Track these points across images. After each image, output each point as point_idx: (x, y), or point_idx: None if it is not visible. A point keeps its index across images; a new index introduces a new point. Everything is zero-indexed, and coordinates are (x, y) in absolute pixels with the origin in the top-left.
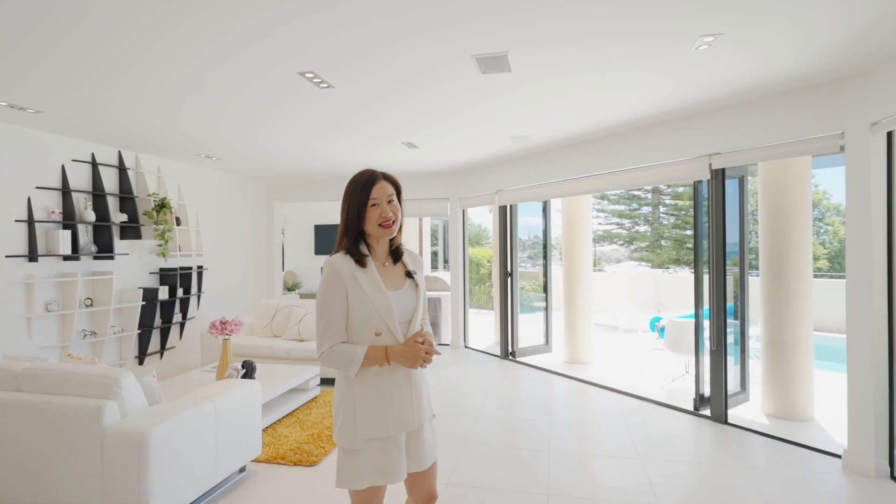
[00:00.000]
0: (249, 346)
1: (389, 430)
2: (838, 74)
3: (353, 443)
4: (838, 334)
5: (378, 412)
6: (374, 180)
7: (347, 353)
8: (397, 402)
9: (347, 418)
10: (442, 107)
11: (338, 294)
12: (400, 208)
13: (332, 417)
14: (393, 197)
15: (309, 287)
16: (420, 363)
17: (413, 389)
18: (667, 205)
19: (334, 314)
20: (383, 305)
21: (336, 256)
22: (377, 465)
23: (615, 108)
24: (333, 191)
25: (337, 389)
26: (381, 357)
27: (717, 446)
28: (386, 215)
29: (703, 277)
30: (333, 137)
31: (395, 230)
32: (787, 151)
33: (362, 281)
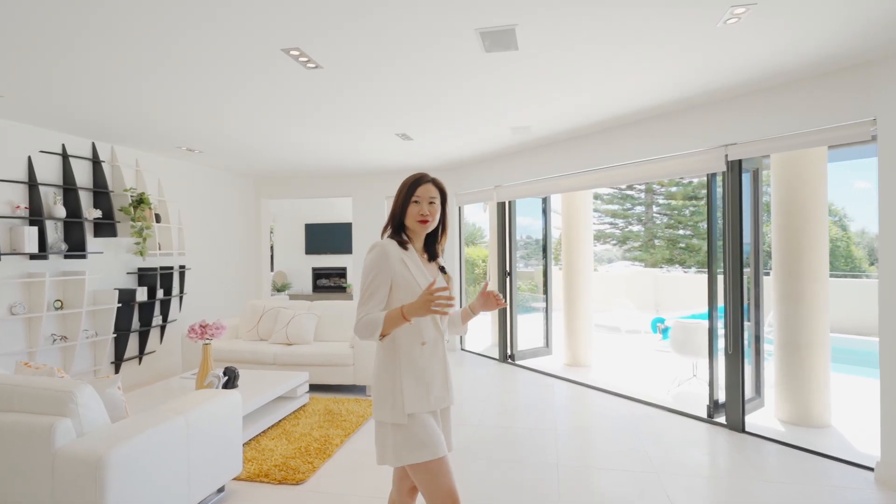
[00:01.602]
0: (233, 351)
1: (431, 406)
2: (870, 56)
3: (397, 416)
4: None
5: (421, 388)
6: (422, 182)
7: (372, 320)
8: (435, 379)
9: (395, 392)
10: (439, 92)
11: (383, 273)
12: (440, 211)
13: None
14: (435, 199)
15: (299, 288)
16: (432, 306)
17: (445, 368)
18: (660, 204)
19: (376, 290)
20: (426, 282)
21: (385, 240)
22: (428, 433)
23: (627, 92)
24: (324, 188)
25: (380, 368)
26: (398, 315)
27: (736, 457)
28: (423, 212)
29: (716, 277)
30: (323, 128)
31: (430, 227)
32: (810, 140)
33: (408, 263)
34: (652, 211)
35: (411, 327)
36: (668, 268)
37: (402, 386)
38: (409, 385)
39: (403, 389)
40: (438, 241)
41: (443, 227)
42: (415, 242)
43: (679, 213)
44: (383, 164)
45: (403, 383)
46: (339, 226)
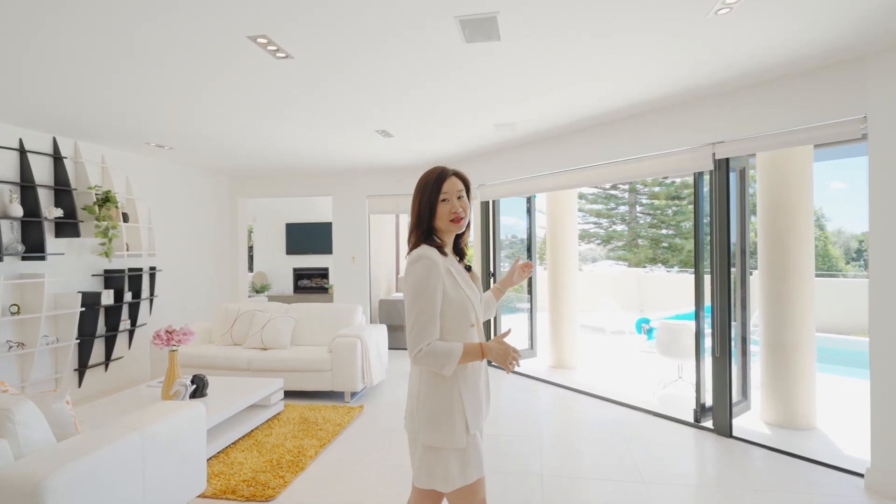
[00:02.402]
0: (205, 357)
1: (482, 422)
2: (862, 51)
3: (459, 440)
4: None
5: (478, 405)
6: (445, 176)
7: (446, 351)
8: (484, 395)
9: (455, 417)
10: (419, 85)
11: (437, 288)
12: (469, 205)
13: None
14: (462, 193)
15: (280, 289)
16: (508, 362)
17: (486, 382)
18: (643, 204)
19: (433, 309)
20: (474, 297)
21: (425, 248)
22: (479, 454)
23: (614, 87)
24: (304, 187)
25: (430, 388)
26: (477, 353)
27: (725, 465)
28: (456, 210)
29: (703, 277)
30: (298, 123)
31: (464, 225)
32: (800, 139)
33: (454, 272)
34: (635, 211)
35: (463, 337)
36: (651, 267)
37: (463, 406)
38: (471, 403)
39: (466, 409)
40: (462, 239)
41: (469, 223)
42: (446, 245)
43: (662, 212)
44: (364, 162)
45: (465, 403)
46: (320, 225)
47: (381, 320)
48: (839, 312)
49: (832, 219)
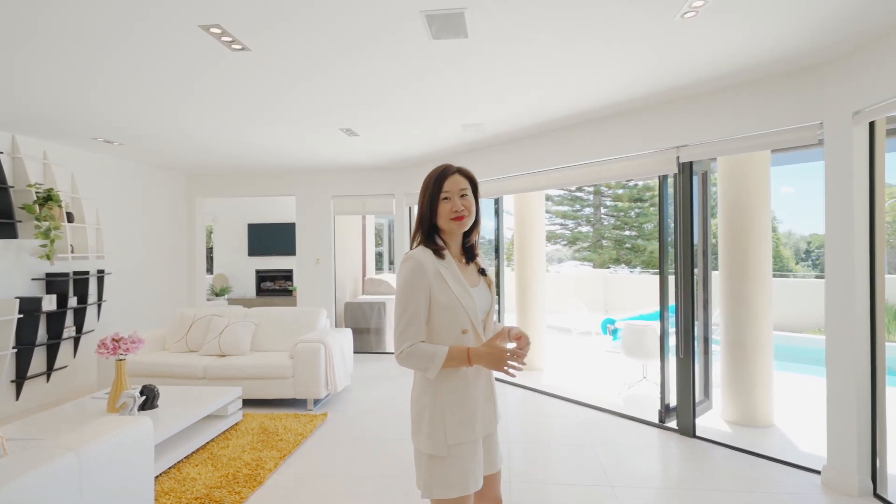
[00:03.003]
0: (157, 365)
1: (475, 434)
2: (818, 59)
3: (438, 448)
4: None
5: (465, 415)
6: (447, 174)
7: (429, 353)
8: (481, 403)
9: (434, 423)
10: (385, 83)
11: (421, 290)
12: (475, 203)
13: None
14: (466, 191)
15: (241, 291)
16: (504, 367)
17: (491, 390)
18: (607, 206)
19: (417, 311)
20: (468, 302)
21: (417, 250)
22: (465, 470)
23: (582, 89)
24: (266, 186)
25: (418, 393)
26: (463, 358)
27: (689, 466)
28: (457, 208)
29: (668, 278)
30: (259, 120)
31: (468, 224)
32: (760, 143)
33: (447, 276)
34: (600, 212)
35: (453, 343)
36: (614, 268)
37: (443, 414)
38: (453, 412)
39: (445, 418)
40: (470, 238)
41: (477, 222)
42: (451, 245)
43: (625, 214)
44: (328, 161)
45: (446, 411)
46: (283, 226)
47: (347, 324)
48: (791, 311)
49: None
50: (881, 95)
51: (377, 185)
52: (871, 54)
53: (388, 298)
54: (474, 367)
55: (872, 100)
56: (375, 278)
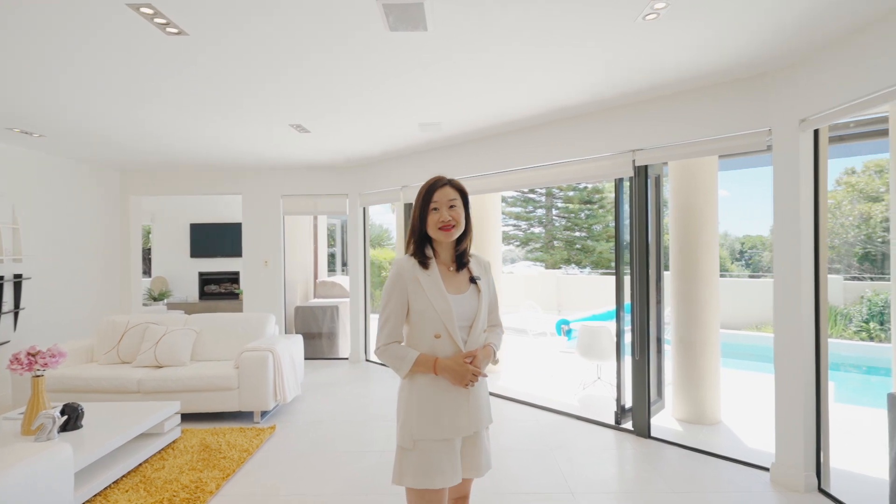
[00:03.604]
0: (83, 379)
1: (443, 434)
2: (768, 67)
3: (405, 440)
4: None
5: (433, 414)
6: (437, 185)
7: (400, 355)
8: (453, 407)
9: (406, 416)
10: (339, 77)
11: (397, 295)
12: (464, 214)
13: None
14: (455, 202)
15: (183, 295)
16: (465, 384)
17: (471, 395)
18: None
19: (392, 314)
20: (443, 308)
21: (402, 258)
22: (425, 466)
23: (542, 91)
24: (210, 184)
25: (400, 386)
26: (429, 368)
27: (646, 468)
28: (444, 218)
29: (623, 279)
30: (201, 112)
31: (455, 234)
32: (712, 148)
33: (424, 283)
34: (552, 214)
35: (426, 349)
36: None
37: (413, 410)
38: (420, 409)
39: (414, 414)
40: (460, 246)
41: (468, 229)
42: (441, 253)
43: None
44: (278, 159)
45: (415, 407)
46: (229, 226)
47: (298, 329)
48: (728, 309)
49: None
50: (825, 104)
51: (330, 184)
52: (815, 65)
53: (340, 301)
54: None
55: (817, 108)
56: (328, 281)
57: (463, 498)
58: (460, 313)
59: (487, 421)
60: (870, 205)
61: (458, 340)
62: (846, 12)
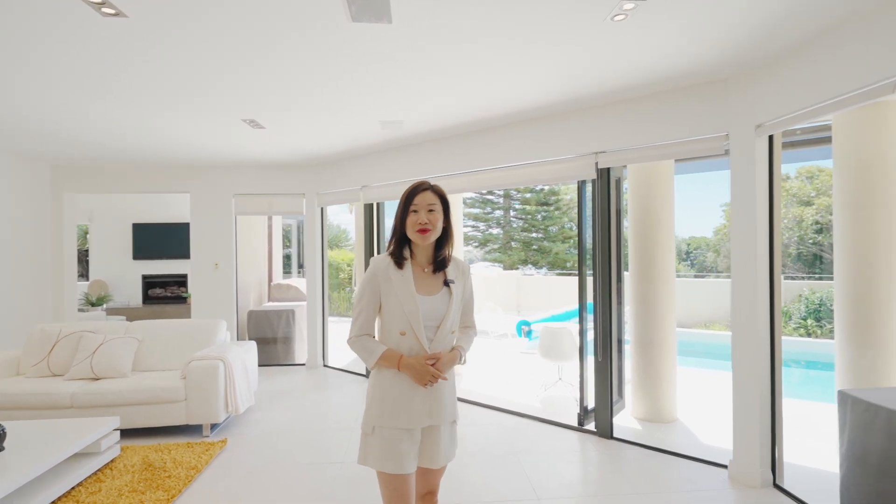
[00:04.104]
0: (7, 395)
1: (398, 423)
2: (726, 73)
3: (366, 426)
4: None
5: (391, 405)
6: (419, 190)
7: (369, 349)
8: (413, 399)
9: (370, 403)
10: (296, 69)
11: (370, 291)
12: (442, 219)
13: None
14: (434, 208)
15: (124, 299)
16: (424, 384)
17: (431, 392)
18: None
19: (365, 309)
20: (410, 308)
21: (380, 256)
22: (383, 451)
23: (508, 90)
24: (154, 181)
25: (371, 374)
26: (393, 363)
27: (610, 470)
28: (421, 221)
29: (586, 280)
30: (145, 104)
31: (431, 237)
32: (674, 152)
33: (395, 282)
34: (509, 215)
35: (392, 345)
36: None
37: (375, 398)
38: (382, 399)
39: (375, 402)
40: (443, 251)
41: (448, 236)
42: (419, 255)
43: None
44: (230, 156)
45: (377, 396)
46: (175, 226)
47: (251, 335)
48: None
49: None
50: (780, 111)
51: (286, 183)
52: (772, 72)
53: (297, 305)
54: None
55: (772, 114)
56: (283, 283)
57: (430, 493)
58: (428, 313)
59: (449, 417)
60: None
61: (423, 339)
62: (803, 21)
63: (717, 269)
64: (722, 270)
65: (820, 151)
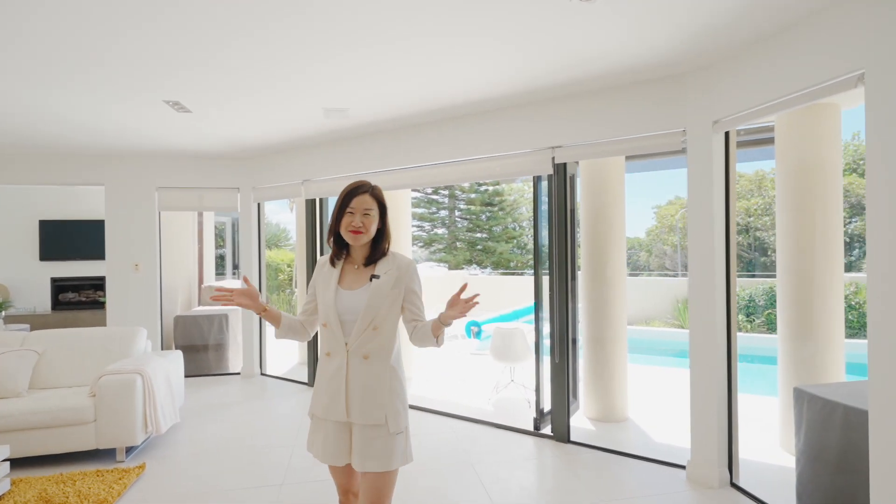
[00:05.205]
0: None
1: (316, 411)
2: (684, 67)
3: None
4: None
5: (316, 391)
6: (357, 192)
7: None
8: (331, 391)
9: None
10: (227, 40)
11: (313, 282)
12: (376, 223)
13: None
14: (370, 212)
15: (29, 305)
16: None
17: (350, 385)
18: (461, 209)
19: (309, 297)
20: (327, 301)
21: (328, 253)
22: (311, 437)
23: (462, 77)
24: (63, 172)
25: None
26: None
27: (569, 476)
28: (355, 224)
29: (542, 279)
30: (45, 81)
31: (363, 240)
32: (631, 148)
33: (324, 277)
34: (454, 215)
35: (322, 337)
36: (468, 268)
37: (314, 387)
38: (315, 388)
39: (313, 390)
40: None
41: (384, 235)
42: (354, 253)
43: (477, 217)
44: (152, 145)
45: (315, 385)
46: (90, 223)
47: (179, 342)
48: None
49: None
50: (736, 107)
51: (218, 176)
52: (730, 67)
53: (231, 309)
54: (333, 359)
55: (729, 111)
56: (215, 286)
57: (353, 493)
58: (346, 307)
59: (374, 419)
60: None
61: (338, 331)
62: (760, 17)
63: (650, 268)
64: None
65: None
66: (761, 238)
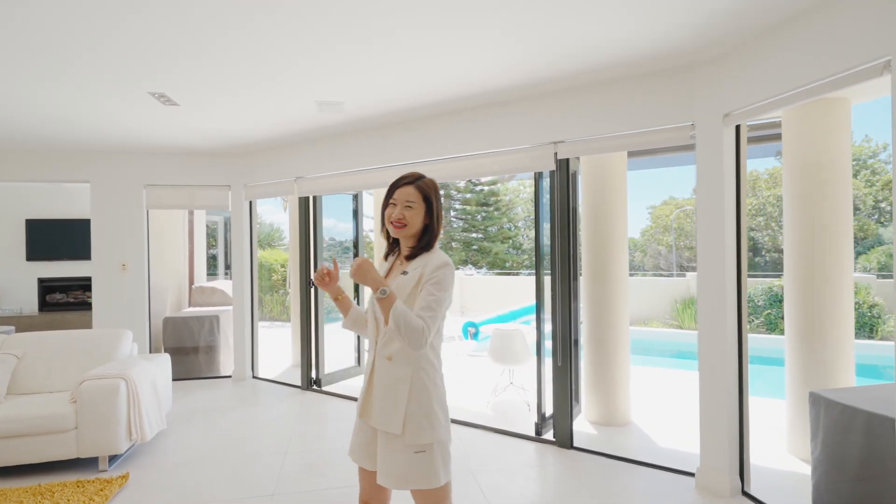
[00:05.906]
0: None
1: (358, 410)
2: (693, 59)
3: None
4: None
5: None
6: (400, 183)
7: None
8: (362, 390)
9: None
10: (216, 29)
11: None
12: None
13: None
14: (413, 204)
15: (16, 306)
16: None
17: (374, 386)
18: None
19: None
20: (369, 297)
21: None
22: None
23: (460, 69)
24: (48, 169)
25: None
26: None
27: (574, 484)
28: (395, 216)
29: (543, 279)
30: (29, 73)
31: (404, 233)
32: (637, 142)
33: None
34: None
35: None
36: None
37: None
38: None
39: None
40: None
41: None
42: (402, 245)
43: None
44: (139, 140)
45: None
46: (78, 223)
47: (168, 345)
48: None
49: None
50: (748, 99)
51: (208, 173)
52: (740, 59)
53: (222, 310)
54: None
55: (739, 104)
56: (206, 286)
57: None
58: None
59: (392, 428)
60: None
61: (373, 329)
62: (772, 5)
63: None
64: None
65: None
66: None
